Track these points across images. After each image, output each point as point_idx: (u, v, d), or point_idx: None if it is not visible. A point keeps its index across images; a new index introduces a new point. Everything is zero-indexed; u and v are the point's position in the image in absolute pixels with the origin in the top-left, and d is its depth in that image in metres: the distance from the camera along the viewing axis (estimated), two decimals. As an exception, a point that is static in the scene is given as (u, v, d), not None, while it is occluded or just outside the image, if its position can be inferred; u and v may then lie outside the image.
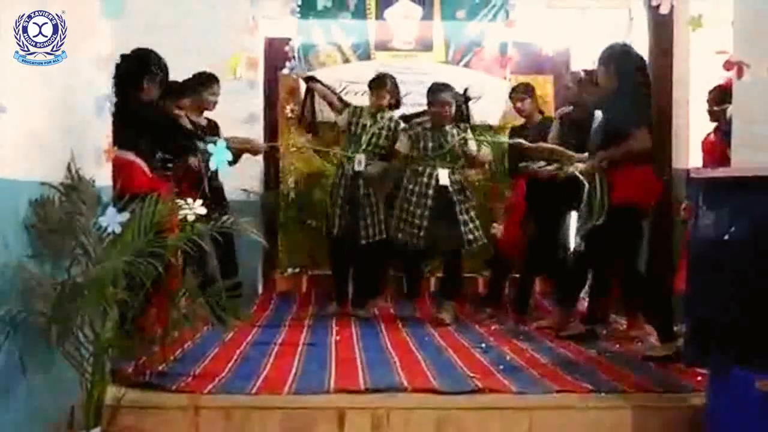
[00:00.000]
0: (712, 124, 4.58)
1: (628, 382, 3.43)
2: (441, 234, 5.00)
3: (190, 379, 3.38)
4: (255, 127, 6.12)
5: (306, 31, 6.27)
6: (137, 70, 3.76)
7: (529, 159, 4.85)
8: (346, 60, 6.35)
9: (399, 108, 5.42)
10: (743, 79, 3.01)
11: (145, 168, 3.73)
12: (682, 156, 5.09)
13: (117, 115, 3.42)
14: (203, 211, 3.21)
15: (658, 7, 3.83)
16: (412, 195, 5.02)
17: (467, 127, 5.17)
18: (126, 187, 3.26)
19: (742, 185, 2.81)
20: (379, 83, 5.26)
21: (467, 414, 3.11)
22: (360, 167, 5.17)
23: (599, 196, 4.03)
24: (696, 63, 4.99)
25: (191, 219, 3.17)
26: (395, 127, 5.24)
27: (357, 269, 5.45)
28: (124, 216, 2.83)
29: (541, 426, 3.08)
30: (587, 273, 4.71)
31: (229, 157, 3.61)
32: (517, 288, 5.30)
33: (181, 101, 4.79)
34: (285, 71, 6.33)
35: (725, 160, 3.75)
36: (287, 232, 6.34)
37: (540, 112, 5.46)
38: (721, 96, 4.28)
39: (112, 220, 2.81)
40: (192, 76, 4.96)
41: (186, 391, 3.21)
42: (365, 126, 5.25)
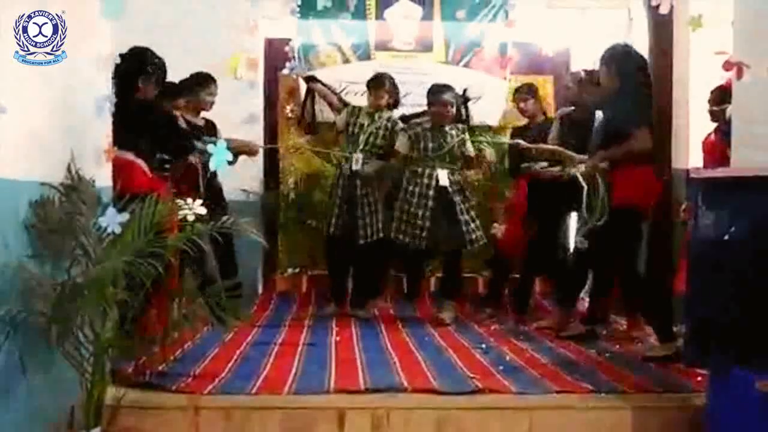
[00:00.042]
0: (712, 124, 4.58)
1: (628, 382, 3.43)
2: (442, 234, 5.00)
3: (190, 380, 3.38)
4: (255, 128, 6.13)
5: (306, 32, 6.26)
6: (133, 69, 3.76)
7: (530, 159, 4.86)
8: (346, 60, 6.34)
9: (398, 108, 5.42)
10: (743, 80, 3.00)
11: (145, 168, 3.73)
12: (681, 156, 5.09)
13: (116, 115, 3.42)
14: (203, 211, 3.21)
15: (657, 7, 3.83)
16: (412, 196, 5.02)
17: (465, 129, 5.17)
18: (126, 188, 3.26)
19: (741, 185, 2.81)
20: (377, 83, 5.26)
21: (467, 414, 3.11)
22: (357, 166, 5.17)
23: (600, 196, 4.03)
24: (696, 63, 4.99)
25: (191, 219, 3.17)
26: (392, 127, 5.23)
27: (356, 269, 5.45)
28: (123, 216, 2.83)
29: (541, 426, 3.09)
30: (587, 273, 4.71)
31: (230, 158, 3.62)
32: (517, 288, 5.30)
33: (177, 102, 4.79)
34: (285, 71, 6.32)
35: (726, 160, 3.75)
36: (287, 232, 6.35)
37: (543, 112, 5.45)
38: (722, 96, 4.28)
39: (111, 220, 2.81)
40: (189, 76, 4.96)
41: (186, 392, 3.21)
42: (362, 126, 5.24)
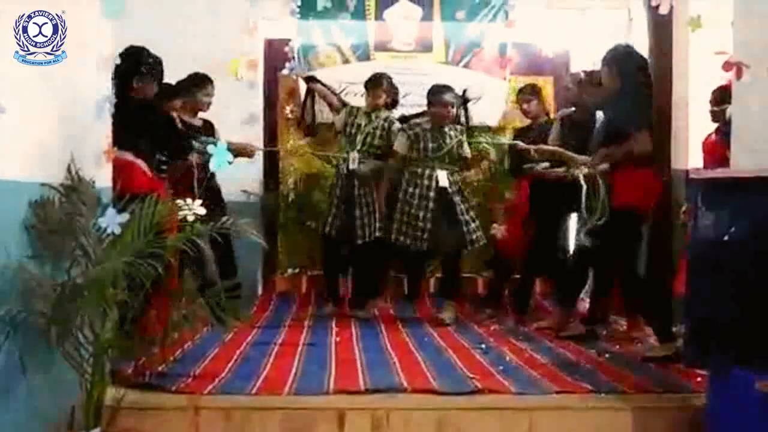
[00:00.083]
0: (712, 124, 4.58)
1: (628, 382, 3.43)
2: (443, 235, 5.00)
3: (190, 380, 3.38)
4: (255, 128, 6.13)
5: (306, 32, 6.26)
6: (129, 69, 3.76)
7: (531, 160, 4.85)
8: (345, 61, 6.34)
9: (396, 107, 5.42)
10: (743, 80, 3.00)
11: (145, 168, 3.73)
12: (681, 157, 5.09)
13: (115, 115, 3.41)
14: (203, 212, 3.21)
15: (657, 8, 3.82)
16: (412, 198, 5.01)
17: (463, 130, 5.17)
18: (126, 188, 3.26)
19: (741, 186, 2.81)
20: (375, 83, 5.26)
21: (467, 415, 3.11)
22: (354, 165, 5.16)
23: (600, 198, 4.03)
24: (695, 63, 4.99)
25: (191, 219, 3.17)
26: (389, 127, 5.22)
27: (355, 269, 5.44)
28: (123, 217, 2.83)
29: (541, 426, 3.08)
30: (587, 273, 4.71)
31: (230, 159, 3.61)
32: (518, 288, 5.30)
33: (173, 103, 4.78)
34: (285, 72, 6.33)
35: (726, 160, 3.75)
36: (287, 233, 6.34)
37: (546, 113, 5.44)
38: (722, 96, 4.28)
39: (111, 221, 2.81)
40: (186, 77, 4.96)
41: (186, 392, 3.20)
42: (360, 126, 5.24)
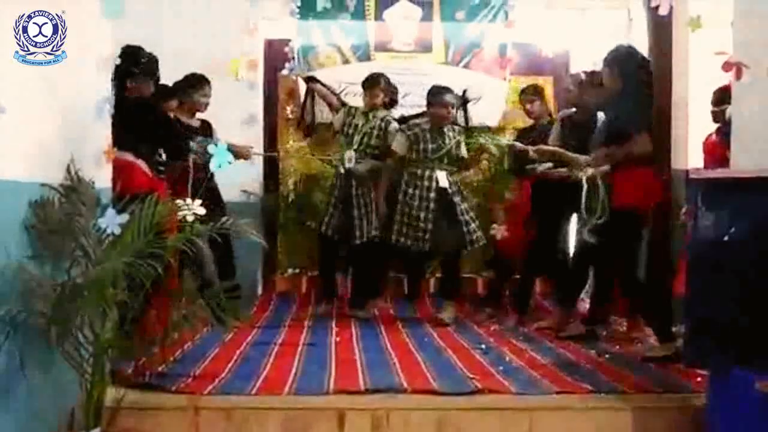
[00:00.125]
0: (712, 124, 4.58)
1: (628, 382, 3.43)
2: (444, 236, 5.00)
3: (190, 380, 3.38)
4: (254, 129, 6.13)
5: (305, 33, 6.26)
6: (125, 68, 3.75)
7: (532, 161, 4.84)
8: (345, 61, 6.34)
9: (394, 107, 5.41)
10: (742, 80, 3.00)
11: (145, 168, 3.72)
12: (681, 157, 5.09)
13: (114, 115, 3.41)
14: (202, 212, 3.21)
15: (657, 8, 3.82)
16: (413, 199, 5.01)
17: (461, 130, 5.18)
18: (126, 188, 3.26)
19: (741, 186, 2.81)
20: (372, 82, 5.25)
21: (467, 415, 3.11)
22: (350, 164, 5.15)
23: (600, 198, 4.03)
24: (695, 64, 4.99)
25: (190, 219, 3.17)
26: (386, 127, 5.20)
27: (354, 269, 5.42)
28: (123, 217, 2.84)
29: (541, 427, 3.09)
30: (587, 274, 4.71)
31: (231, 159, 3.61)
32: (518, 288, 5.29)
33: (169, 103, 4.78)
34: (284, 72, 6.34)
35: (726, 161, 3.75)
36: (287, 233, 6.35)
37: (549, 114, 5.41)
38: (723, 97, 4.27)
39: (111, 221, 2.81)
40: (182, 78, 4.96)
41: (186, 392, 3.20)
42: (357, 126, 5.24)
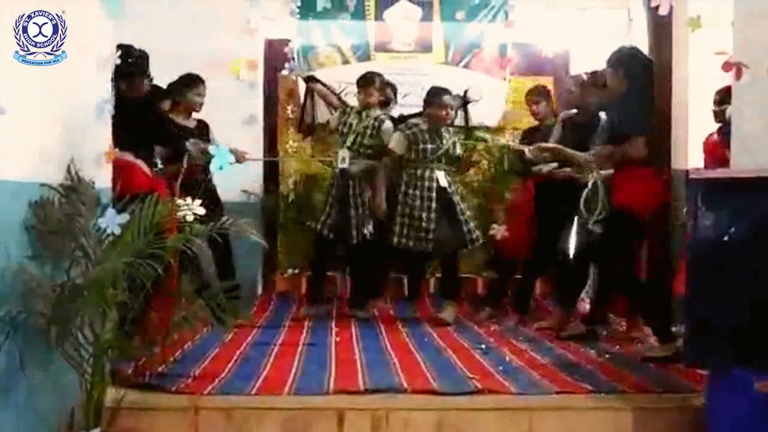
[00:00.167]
0: (712, 124, 4.57)
1: (628, 382, 3.43)
2: (445, 235, 5.00)
3: (189, 380, 3.38)
4: (254, 129, 6.13)
5: (305, 33, 6.27)
6: (119, 66, 3.75)
7: (533, 162, 4.84)
8: (345, 61, 6.34)
9: (389, 105, 5.40)
10: (742, 80, 3.00)
11: (145, 168, 3.72)
12: (681, 157, 5.09)
13: (115, 116, 3.41)
14: (202, 212, 3.21)
15: (657, 8, 3.83)
16: (414, 199, 5.00)
17: (457, 131, 5.17)
18: (126, 188, 3.26)
19: (741, 186, 2.82)
20: (367, 81, 5.23)
21: (467, 415, 3.11)
22: (344, 164, 5.13)
23: (600, 197, 4.03)
24: (695, 64, 4.99)
25: (190, 219, 3.17)
26: (379, 126, 5.18)
27: (352, 269, 5.41)
28: (123, 217, 2.84)
29: (541, 427, 3.08)
30: (587, 274, 4.71)
31: (231, 160, 3.61)
32: (519, 289, 5.29)
33: (164, 103, 4.77)
34: (284, 72, 6.34)
35: (727, 161, 3.75)
36: (287, 233, 6.35)
37: (554, 115, 5.38)
38: (725, 97, 4.27)
39: (111, 221, 2.81)
40: (177, 78, 4.95)
41: (186, 392, 3.20)
42: (351, 125, 5.23)
